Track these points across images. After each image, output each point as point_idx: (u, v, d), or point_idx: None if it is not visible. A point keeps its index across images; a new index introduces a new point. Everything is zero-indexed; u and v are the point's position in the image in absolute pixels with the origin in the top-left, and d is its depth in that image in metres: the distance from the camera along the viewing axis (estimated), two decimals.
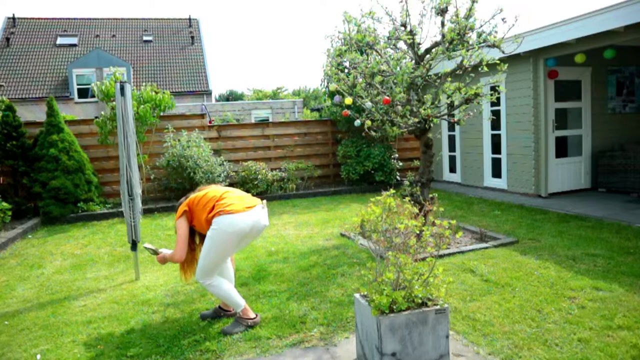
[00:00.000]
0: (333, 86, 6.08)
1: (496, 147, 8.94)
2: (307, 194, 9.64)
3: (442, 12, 5.09)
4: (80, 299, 4.22)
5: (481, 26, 5.05)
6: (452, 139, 10.30)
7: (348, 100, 5.84)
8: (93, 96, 21.42)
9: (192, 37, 27.33)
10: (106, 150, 9.16)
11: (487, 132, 9.12)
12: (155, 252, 3.54)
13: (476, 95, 5.07)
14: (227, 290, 3.40)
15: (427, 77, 5.27)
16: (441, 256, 4.75)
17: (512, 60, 7.46)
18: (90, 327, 3.56)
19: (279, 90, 42.80)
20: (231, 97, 43.42)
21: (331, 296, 3.93)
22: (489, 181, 9.18)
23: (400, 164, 10.21)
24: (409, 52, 5.46)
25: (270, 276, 4.53)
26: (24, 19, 26.09)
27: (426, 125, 5.43)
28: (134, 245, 4.74)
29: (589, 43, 6.73)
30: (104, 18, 27.55)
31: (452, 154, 10.34)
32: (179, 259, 3.38)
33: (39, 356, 3.14)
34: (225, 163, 9.35)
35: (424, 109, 5.14)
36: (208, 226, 3.31)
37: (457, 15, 5.01)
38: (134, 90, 8.58)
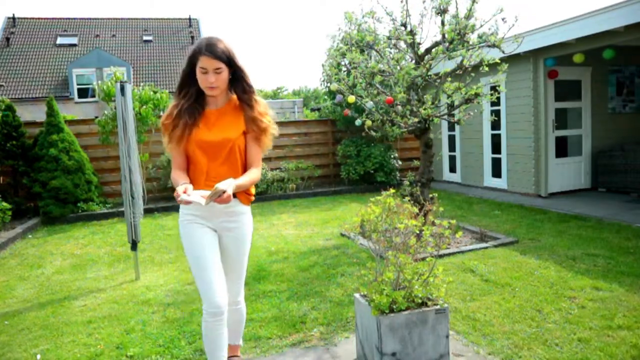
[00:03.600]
0: (334, 86, 6.08)
1: (496, 147, 8.94)
2: (307, 193, 9.64)
3: (442, 12, 5.09)
4: (80, 299, 4.22)
5: (481, 26, 5.04)
6: (452, 139, 10.30)
7: (351, 99, 5.84)
8: (93, 96, 21.44)
9: (192, 37, 27.33)
10: (106, 150, 9.16)
11: (487, 132, 9.12)
12: (217, 193, 2.10)
13: (476, 95, 5.07)
14: None
15: (427, 77, 5.26)
16: (441, 256, 4.74)
17: (512, 60, 7.46)
18: (90, 327, 3.56)
19: (279, 90, 42.80)
20: None
21: (331, 296, 3.93)
22: (489, 181, 9.18)
23: (400, 164, 10.21)
24: (409, 52, 5.46)
25: (270, 276, 4.53)
26: (24, 19, 26.09)
27: (426, 125, 5.43)
28: (134, 245, 4.74)
29: (589, 43, 6.73)
30: (104, 18, 27.54)
31: (452, 154, 10.34)
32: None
33: (39, 356, 3.14)
34: None
35: (424, 109, 5.14)
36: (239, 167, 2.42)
37: (457, 15, 5.01)
38: (134, 90, 8.58)
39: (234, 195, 2.32)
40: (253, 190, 2.54)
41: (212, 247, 2.38)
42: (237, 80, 2.36)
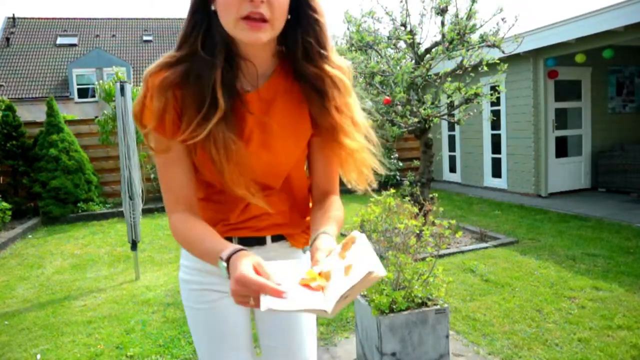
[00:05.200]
0: None
1: (496, 147, 8.94)
2: None
3: (442, 12, 5.10)
4: (80, 299, 4.22)
5: (481, 26, 5.05)
6: (452, 139, 10.30)
7: None
8: (93, 96, 21.42)
9: None
10: (106, 150, 9.15)
11: (487, 132, 9.11)
12: (368, 281, 0.87)
13: (476, 95, 5.06)
14: None
15: (427, 77, 5.26)
16: (441, 256, 4.74)
17: (512, 60, 7.46)
18: (90, 327, 3.56)
19: None
20: None
21: None
22: (489, 181, 9.18)
23: (400, 164, 10.21)
24: (409, 51, 5.46)
25: None
26: (24, 19, 26.08)
27: (426, 125, 5.43)
28: (134, 245, 4.74)
29: (589, 43, 6.72)
30: (104, 18, 27.54)
31: (452, 154, 10.33)
32: None
33: (39, 356, 3.14)
34: None
35: (424, 109, 5.14)
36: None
37: (457, 16, 5.01)
38: (134, 90, 8.58)
39: (284, 237, 1.28)
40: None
41: (241, 336, 1.38)
42: (301, 23, 1.11)
